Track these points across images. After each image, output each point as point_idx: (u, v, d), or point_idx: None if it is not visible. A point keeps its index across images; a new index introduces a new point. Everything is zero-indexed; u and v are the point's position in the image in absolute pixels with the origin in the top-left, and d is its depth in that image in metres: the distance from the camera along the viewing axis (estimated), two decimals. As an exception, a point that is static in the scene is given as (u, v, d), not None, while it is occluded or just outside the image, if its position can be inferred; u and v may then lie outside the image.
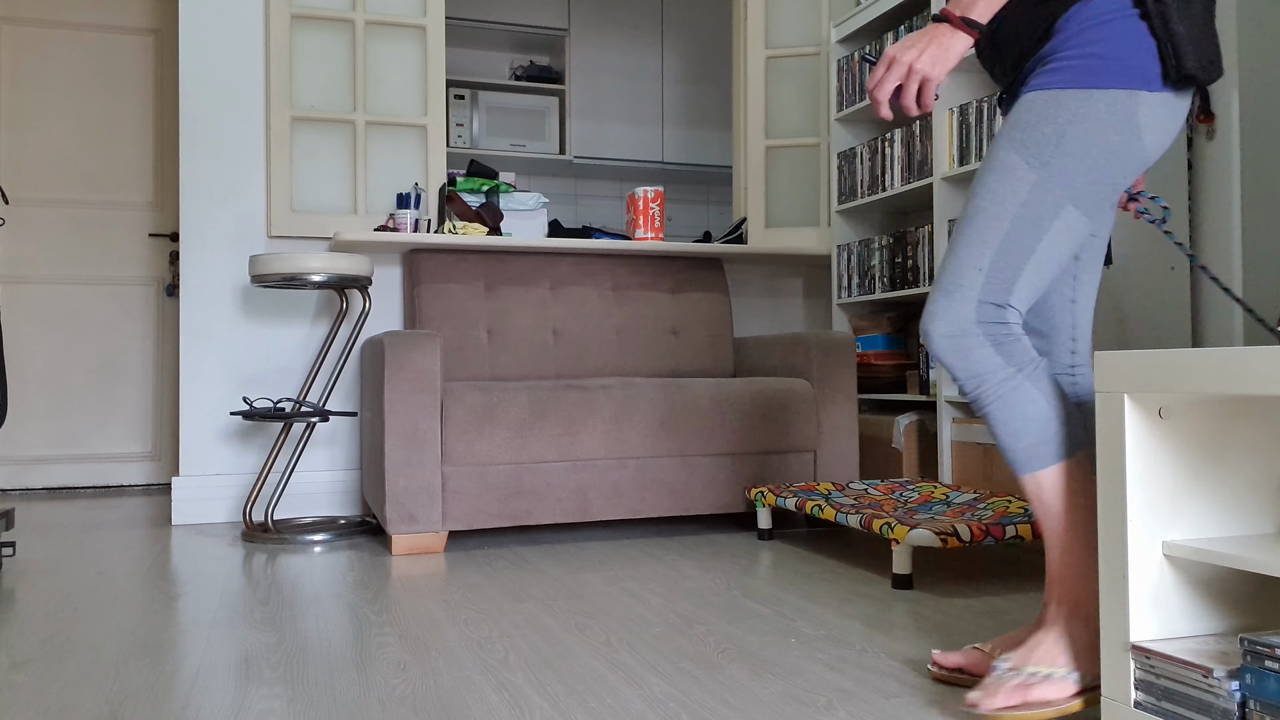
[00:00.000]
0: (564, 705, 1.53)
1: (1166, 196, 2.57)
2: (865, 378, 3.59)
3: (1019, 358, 1.45)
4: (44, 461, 4.42)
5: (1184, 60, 1.38)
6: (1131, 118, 1.41)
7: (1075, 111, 1.41)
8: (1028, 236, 1.43)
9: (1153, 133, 1.43)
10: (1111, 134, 1.41)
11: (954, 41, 1.42)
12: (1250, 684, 1.17)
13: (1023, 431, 1.44)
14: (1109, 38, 1.41)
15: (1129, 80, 1.40)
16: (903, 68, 1.43)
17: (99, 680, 1.67)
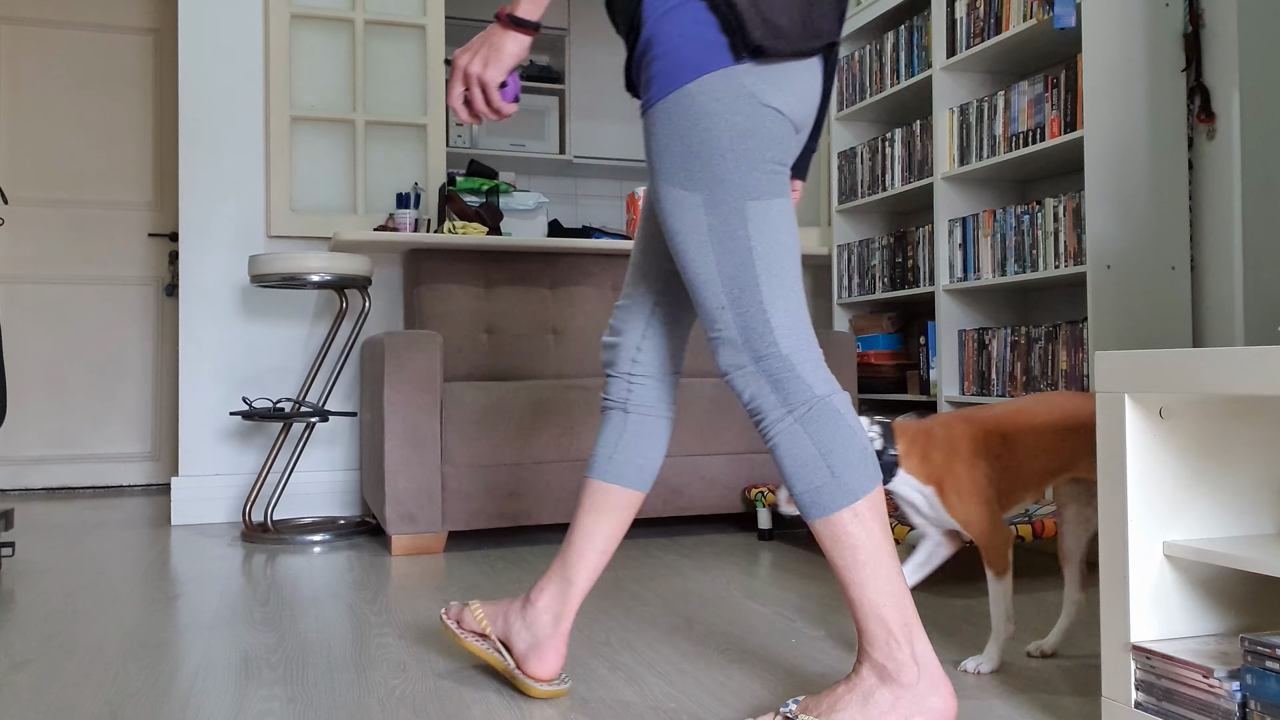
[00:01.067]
0: (564, 705, 1.53)
1: (1167, 196, 2.57)
2: (865, 378, 3.59)
3: (794, 397, 1.33)
4: (44, 461, 4.42)
5: (750, 33, 1.30)
6: (741, 91, 1.32)
7: (684, 117, 1.34)
8: (736, 254, 1.34)
9: (781, 95, 1.34)
10: (730, 116, 1.32)
11: (505, 41, 1.38)
12: (1251, 684, 1.17)
13: (796, 471, 1.33)
14: (674, 29, 1.33)
15: (713, 62, 1.32)
16: (458, 75, 1.40)
17: (99, 680, 1.67)
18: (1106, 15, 2.54)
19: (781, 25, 1.31)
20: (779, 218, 1.35)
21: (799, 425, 1.33)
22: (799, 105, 1.37)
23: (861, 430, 1.35)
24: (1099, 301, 2.52)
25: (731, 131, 1.32)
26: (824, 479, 1.31)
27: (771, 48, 1.31)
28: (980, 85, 3.14)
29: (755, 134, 1.33)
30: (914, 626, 1.31)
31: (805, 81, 1.38)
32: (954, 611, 2.09)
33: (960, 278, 3.08)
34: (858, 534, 1.30)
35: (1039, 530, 2.28)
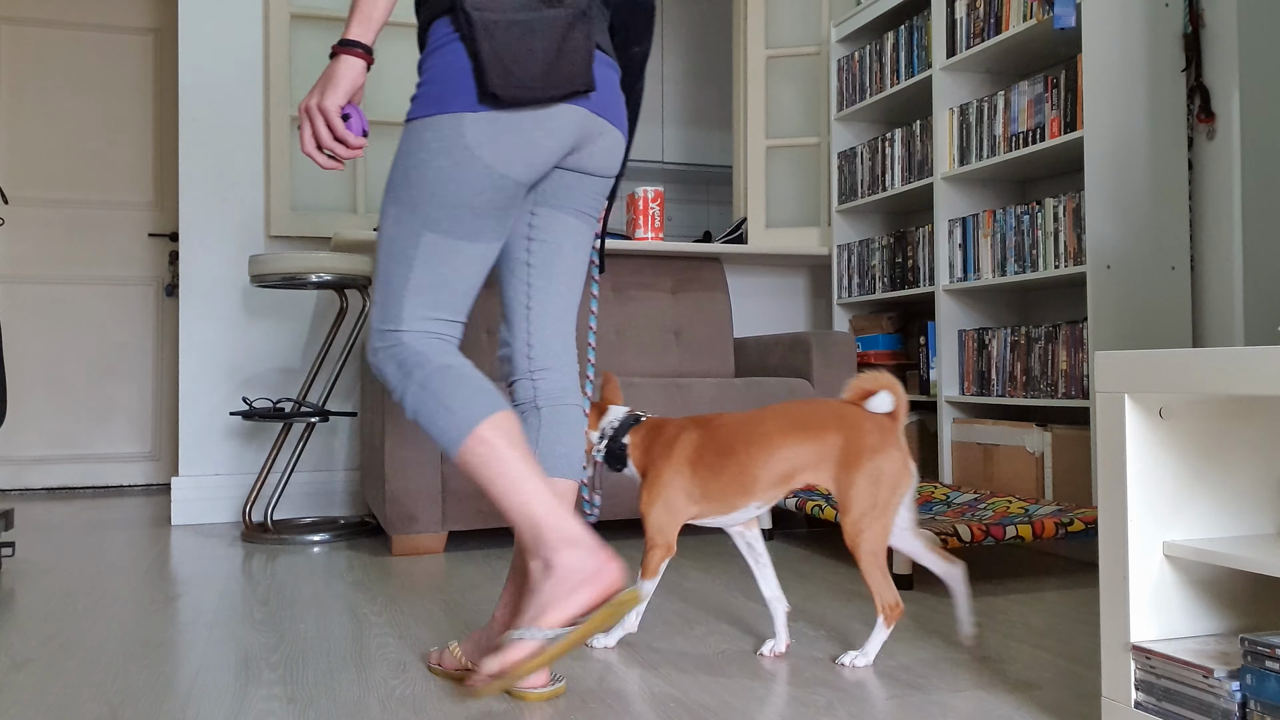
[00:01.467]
0: (564, 705, 1.53)
1: (1167, 196, 2.57)
2: (865, 378, 3.58)
3: (420, 368, 1.49)
4: (44, 461, 4.42)
5: (488, 80, 1.41)
6: (459, 140, 1.44)
7: (411, 144, 1.48)
8: (399, 267, 1.50)
9: (492, 149, 1.45)
10: (440, 159, 1.45)
11: (339, 68, 1.45)
12: (1251, 684, 1.17)
13: (432, 426, 1.49)
14: (437, 65, 1.47)
15: (451, 104, 1.44)
16: (303, 114, 1.47)
17: (99, 680, 1.67)
18: (1106, 15, 2.54)
19: (521, 75, 1.42)
20: (452, 257, 1.50)
21: (419, 387, 1.49)
22: (525, 158, 1.48)
23: (474, 374, 1.50)
24: (1099, 301, 2.52)
25: (436, 171, 1.46)
26: (446, 419, 1.46)
27: (506, 94, 1.41)
28: (980, 85, 3.14)
29: (459, 180, 1.46)
30: (559, 515, 1.44)
31: (546, 131, 1.48)
32: (953, 611, 2.09)
33: (960, 278, 3.08)
34: (485, 454, 1.45)
35: (1039, 530, 2.28)
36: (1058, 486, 2.68)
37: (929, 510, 2.63)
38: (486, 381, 1.50)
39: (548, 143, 1.49)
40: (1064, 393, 2.67)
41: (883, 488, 1.67)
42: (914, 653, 1.79)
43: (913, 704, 1.52)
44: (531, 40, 1.44)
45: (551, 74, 1.44)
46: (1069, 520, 2.30)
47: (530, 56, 1.43)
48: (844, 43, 3.76)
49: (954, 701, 1.53)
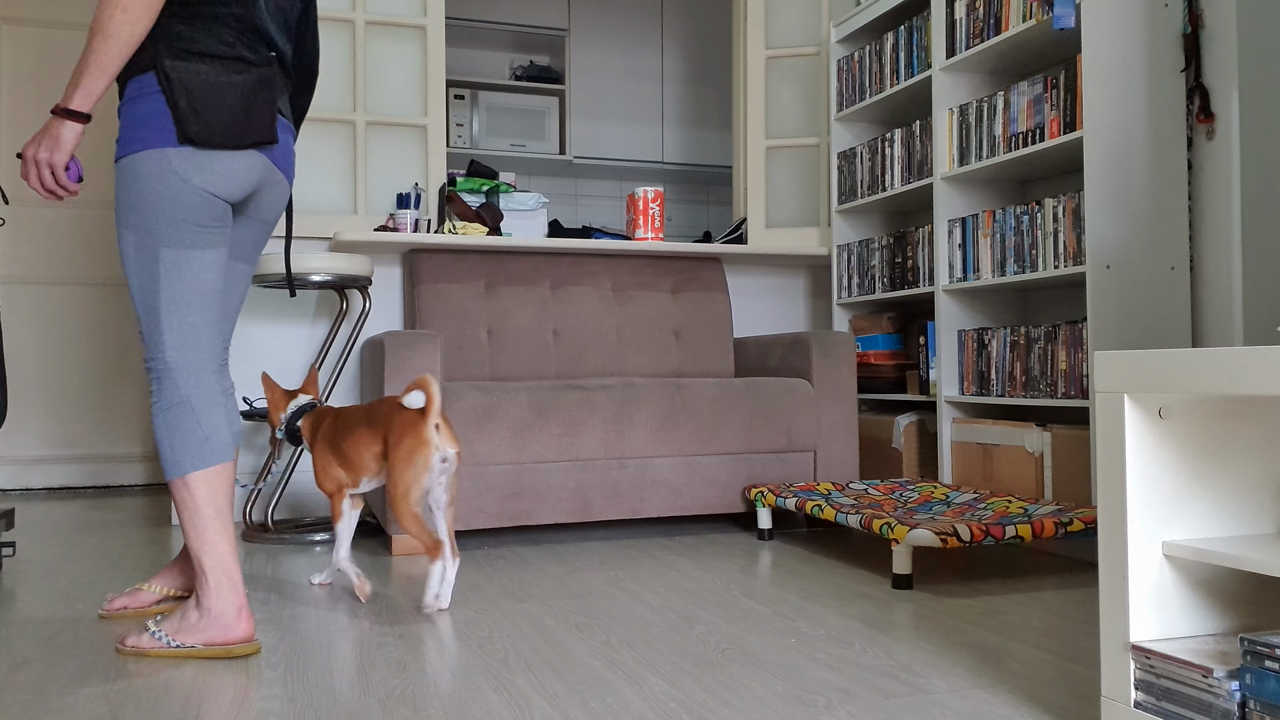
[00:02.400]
0: (564, 705, 1.53)
1: (1167, 196, 2.57)
2: (865, 378, 3.59)
3: (166, 397, 1.82)
4: (44, 461, 4.42)
5: (185, 127, 1.74)
6: (169, 168, 1.76)
7: (131, 175, 1.76)
8: (148, 285, 1.80)
9: (203, 175, 1.78)
10: (159, 184, 1.76)
11: (63, 130, 1.72)
12: (1250, 684, 1.17)
13: (160, 449, 1.82)
14: (141, 111, 1.76)
15: (158, 141, 1.75)
16: (28, 162, 1.73)
17: (99, 680, 1.67)
18: (1106, 16, 2.55)
19: (214, 124, 1.77)
20: (189, 264, 1.81)
21: (161, 414, 1.82)
22: (227, 182, 1.82)
23: (205, 426, 1.82)
24: (1098, 301, 2.52)
25: (159, 194, 1.76)
26: (167, 455, 1.81)
27: (201, 140, 1.76)
28: (980, 85, 3.14)
29: (179, 200, 1.77)
30: (227, 571, 1.81)
31: (242, 165, 1.83)
32: (953, 611, 2.09)
33: (960, 278, 3.08)
34: (185, 499, 1.80)
35: (1039, 530, 2.28)
36: (1057, 486, 2.68)
37: (929, 510, 2.64)
38: (208, 432, 1.82)
39: (244, 173, 1.84)
40: (1064, 393, 2.67)
41: (405, 468, 2.09)
42: (914, 653, 1.79)
43: (913, 704, 1.52)
44: (223, 97, 1.78)
45: (241, 125, 1.80)
46: (1069, 520, 2.31)
47: (221, 109, 1.78)
48: (844, 43, 3.76)
49: (954, 701, 1.53)
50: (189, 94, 1.75)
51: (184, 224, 1.79)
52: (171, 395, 1.82)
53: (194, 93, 1.75)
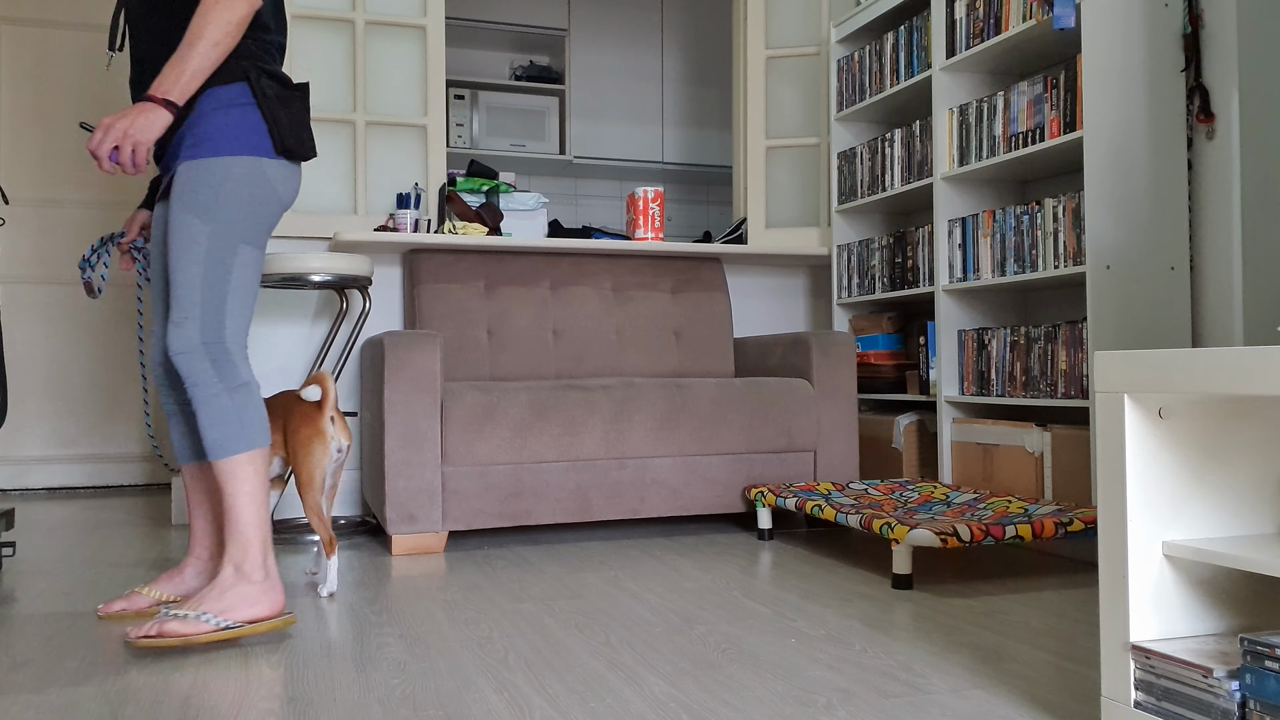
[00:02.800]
0: (564, 705, 1.53)
1: (1167, 196, 2.57)
2: (865, 378, 3.59)
3: (229, 378, 1.92)
4: (44, 461, 4.42)
5: (284, 140, 1.96)
6: (263, 176, 1.94)
7: (222, 174, 1.90)
8: (218, 274, 1.92)
9: (285, 186, 2.00)
10: (253, 188, 1.93)
11: (158, 117, 1.84)
12: (1250, 684, 1.17)
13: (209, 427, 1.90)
14: (236, 118, 1.92)
15: (255, 149, 1.93)
16: (118, 133, 1.82)
17: (99, 680, 1.67)
18: (1106, 16, 2.55)
19: (302, 140, 2.00)
20: (256, 262, 1.99)
21: (227, 395, 1.92)
22: (294, 193, 2.05)
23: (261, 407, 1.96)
24: (1098, 301, 2.52)
25: (247, 197, 1.93)
26: (235, 432, 1.90)
27: (293, 154, 1.99)
28: (980, 85, 3.14)
29: (262, 205, 1.96)
30: (269, 547, 1.94)
31: (300, 178, 2.07)
32: (953, 611, 2.09)
33: (960, 278, 3.08)
34: (248, 474, 1.92)
35: (1038, 530, 2.28)
36: (1057, 486, 2.68)
37: (929, 510, 2.64)
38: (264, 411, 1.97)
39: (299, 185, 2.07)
40: (1064, 393, 2.67)
41: (305, 456, 2.26)
42: (914, 653, 1.79)
43: (913, 704, 1.52)
44: (300, 116, 2.01)
45: (310, 142, 2.03)
46: (1069, 520, 2.31)
47: (300, 127, 2.00)
48: (844, 43, 3.76)
49: (954, 701, 1.53)
50: (282, 110, 1.97)
51: (262, 226, 1.97)
52: (234, 377, 1.92)
53: (283, 109, 1.97)
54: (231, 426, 1.91)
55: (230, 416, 1.91)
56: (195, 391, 1.90)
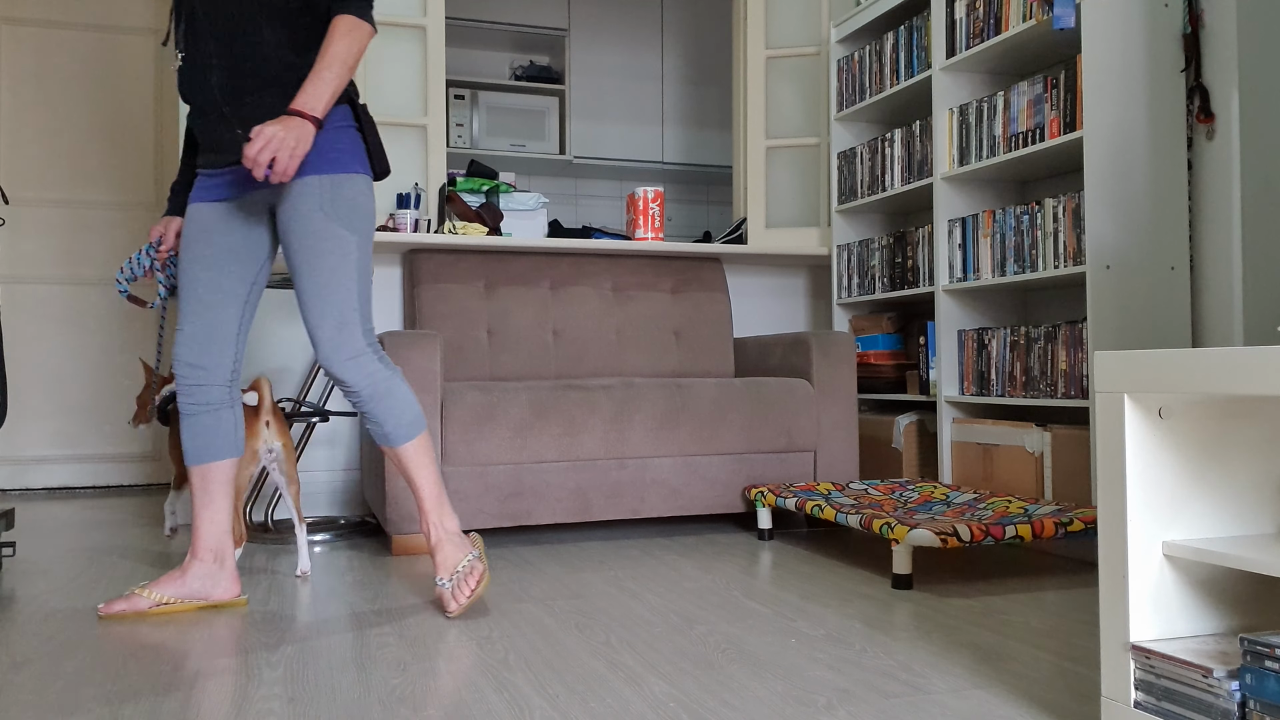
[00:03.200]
0: (564, 705, 1.53)
1: (1167, 196, 2.57)
2: (865, 378, 3.59)
3: (389, 365, 2.13)
4: (44, 461, 4.42)
5: (377, 163, 2.16)
6: (371, 193, 2.14)
7: (355, 190, 2.09)
8: (365, 280, 2.12)
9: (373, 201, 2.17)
10: (370, 203, 2.13)
11: (308, 130, 1.96)
12: (1250, 684, 1.17)
13: (400, 414, 2.11)
14: (347, 139, 2.10)
15: (364, 169, 2.12)
16: (280, 144, 1.91)
17: (99, 680, 1.67)
18: (1106, 16, 2.55)
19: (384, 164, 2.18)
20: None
21: (401, 380, 2.13)
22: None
23: None
24: (1098, 301, 2.52)
25: (371, 211, 2.14)
26: (415, 414, 2.14)
27: (382, 174, 2.19)
28: (980, 85, 3.14)
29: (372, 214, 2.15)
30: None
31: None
32: (953, 611, 2.09)
33: (960, 278, 3.08)
34: (428, 446, 2.17)
35: (1038, 530, 2.28)
36: (1057, 486, 2.68)
37: (929, 510, 2.64)
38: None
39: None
40: (1064, 393, 2.67)
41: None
42: (914, 653, 1.79)
43: (913, 704, 1.52)
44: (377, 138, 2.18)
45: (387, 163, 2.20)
46: (1069, 520, 2.31)
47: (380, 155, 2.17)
48: (844, 43, 3.76)
49: (954, 701, 1.53)
50: (373, 132, 2.15)
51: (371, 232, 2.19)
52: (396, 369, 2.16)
53: (374, 133, 2.16)
54: (412, 411, 2.12)
55: (411, 401, 2.12)
56: (374, 388, 2.08)
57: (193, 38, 2.06)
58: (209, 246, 2.15)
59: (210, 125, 2.10)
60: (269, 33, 2.04)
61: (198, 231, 2.16)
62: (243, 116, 2.06)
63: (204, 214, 2.16)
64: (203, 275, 2.15)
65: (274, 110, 2.06)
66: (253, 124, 2.06)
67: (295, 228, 2.08)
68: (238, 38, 2.03)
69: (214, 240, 2.15)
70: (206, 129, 2.10)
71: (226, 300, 2.16)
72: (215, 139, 2.11)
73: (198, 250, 2.15)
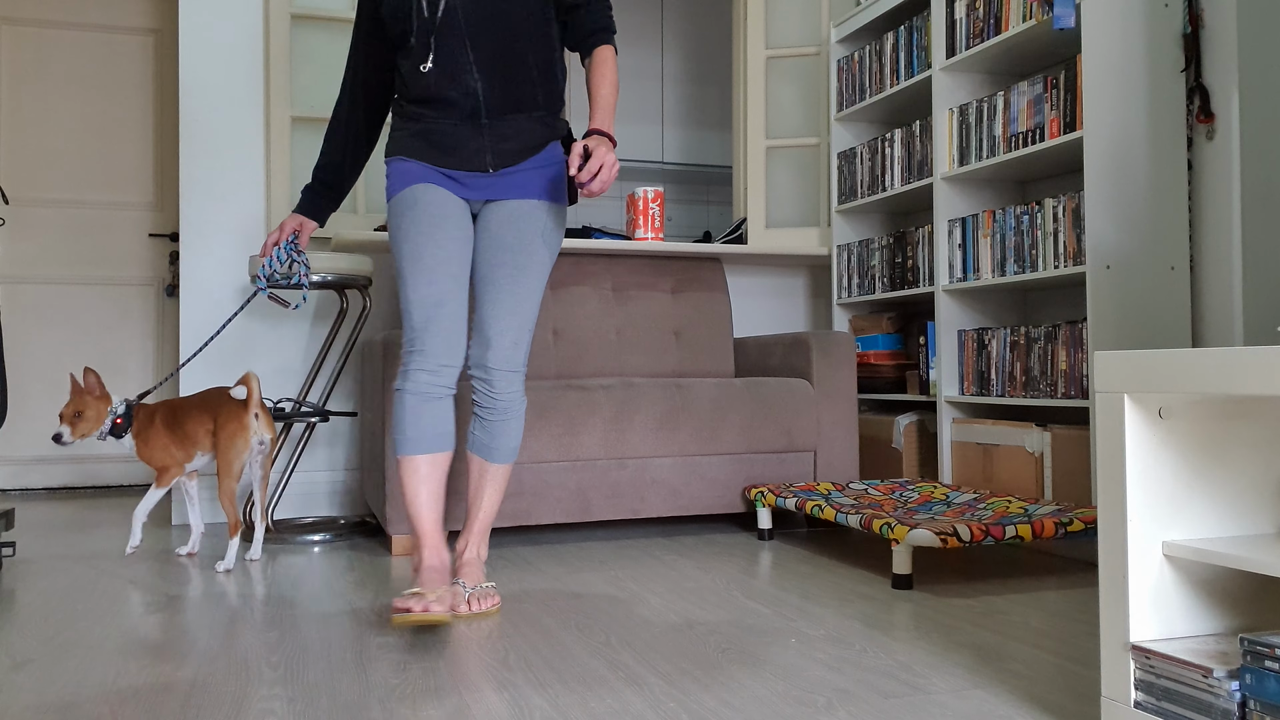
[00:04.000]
0: (564, 705, 1.53)
1: (1167, 196, 2.57)
2: (865, 378, 3.59)
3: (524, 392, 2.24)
4: (44, 461, 4.42)
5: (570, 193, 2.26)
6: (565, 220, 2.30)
7: (563, 221, 2.21)
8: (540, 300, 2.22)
9: None
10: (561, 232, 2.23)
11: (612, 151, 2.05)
12: (1250, 684, 1.17)
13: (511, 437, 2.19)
14: (564, 174, 2.21)
15: (568, 202, 2.24)
16: (612, 163, 1.98)
17: (99, 680, 1.67)
18: (1106, 16, 2.55)
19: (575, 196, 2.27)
20: None
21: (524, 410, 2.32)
22: None
23: None
24: (1098, 301, 2.52)
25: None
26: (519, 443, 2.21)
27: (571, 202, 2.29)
28: (980, 85, 3.14)
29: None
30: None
31: None
32: (953, 611, 2.09)
33: (960, 278, 3.08)
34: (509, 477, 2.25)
35: (1039, 530, 2.28)
36: (1057, 486, 2.68)
37: (929, 510, 2.64)
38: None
39: None
40: (1064, 393, 2.67)
41: (229, 448, 2.61)
42: (914, 653, 1.79)
43: (913, 704, 1.52)
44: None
45: None
46: (1069, 520, 2.31)
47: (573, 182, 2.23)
48: (844, 43, 3.76)
49: (954, 701, 1.53)
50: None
51: None
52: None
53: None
54: (519, 439, 2.21)
55: (521, 431, 2.21)
56: (511, 406, 2.15)
57: (449, 47, 2.09)
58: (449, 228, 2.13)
59: (459, 130, 2.13)
60: (532, 58, 2.13)
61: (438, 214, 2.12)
62: (499, 131, 2.14)
63: (440, 196, 2.14)
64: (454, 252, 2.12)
65: (524, 129, 2.15)
66: (505, 139, 2.14)
67: (512, 243, 2.13)
68: (504, 58, 2.11)
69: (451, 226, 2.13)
70: (449, 132, 2.13)
71: (462, 288, 2.12)
72: (459, 143, 2.14)
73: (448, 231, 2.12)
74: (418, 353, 2.04)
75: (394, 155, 2.18)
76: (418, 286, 2.06)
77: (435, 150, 2.15)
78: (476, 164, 2.15)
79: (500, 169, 2.15)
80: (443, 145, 2.15)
